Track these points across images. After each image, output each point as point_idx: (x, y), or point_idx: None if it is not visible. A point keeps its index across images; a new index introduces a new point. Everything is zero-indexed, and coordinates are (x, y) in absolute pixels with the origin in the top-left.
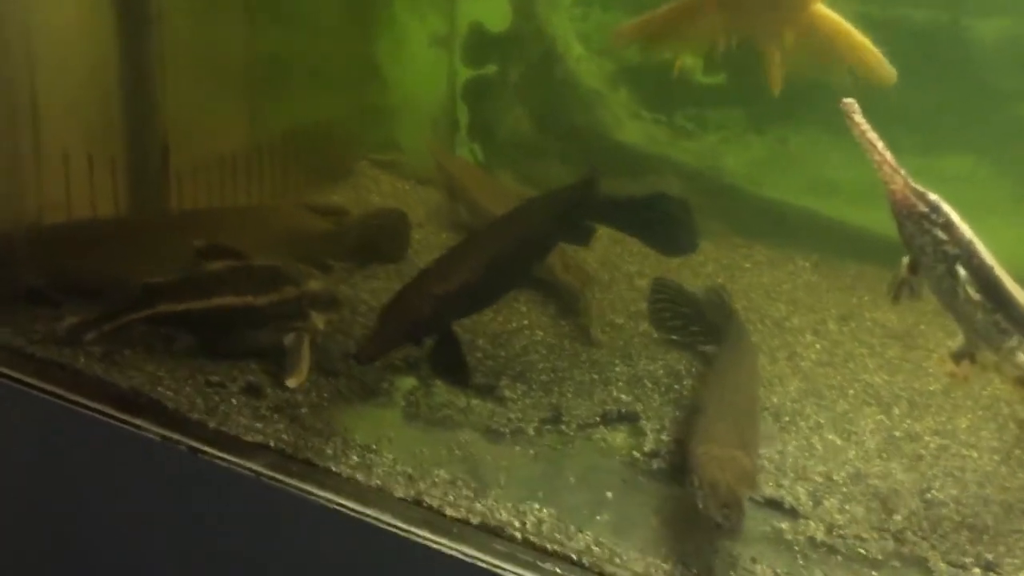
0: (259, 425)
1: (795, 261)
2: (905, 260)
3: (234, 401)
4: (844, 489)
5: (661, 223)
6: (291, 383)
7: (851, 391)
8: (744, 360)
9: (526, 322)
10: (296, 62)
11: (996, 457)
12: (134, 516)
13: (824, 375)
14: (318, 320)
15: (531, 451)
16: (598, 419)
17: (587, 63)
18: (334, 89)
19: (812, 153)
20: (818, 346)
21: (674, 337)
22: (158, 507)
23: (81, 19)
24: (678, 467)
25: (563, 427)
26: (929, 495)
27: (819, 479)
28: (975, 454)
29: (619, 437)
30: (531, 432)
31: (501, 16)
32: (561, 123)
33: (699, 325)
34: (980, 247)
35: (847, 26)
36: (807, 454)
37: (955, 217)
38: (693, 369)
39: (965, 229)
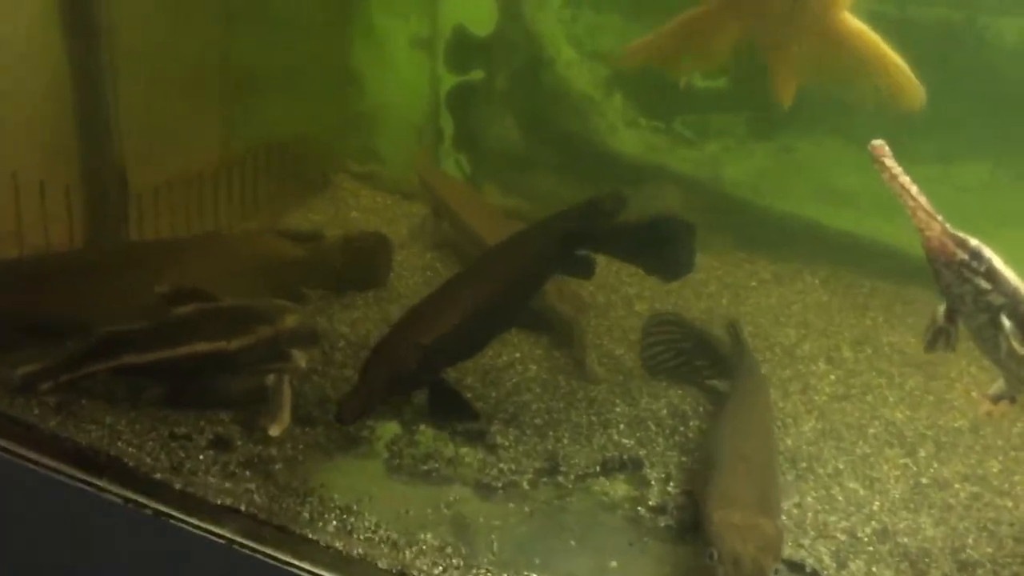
0: (229, 485)
1: (803, 277)
2: (941, 308)
3: (201, 457)
4: (870, 548)
5: (664, 247)
6: (274, 432)
7: (871, 430)
8: (757, 402)
9: (518, 355)
10: (269, 69)
11: None
12: None
13: (841, 411)
14: (299, 359)
15: (526, 508)
16: (598, 468)
17: (578, 68)
18: (310, 97)
19: (819, 161)
20: (833, 377)
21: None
22: None
23: (27, 32)
24: (687, 524)
25: (560, 478)
26: (963, 555)
27: (842, 536)
28: (1010, 503)
29: (621, 488)
30: (526, 485)
31: (486, 18)
32: (552, 132)
33: (704, 359)
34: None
35: (876, 39)
36: (828, 507)
37: (998, 263)
38: (700, 408)
39: (1010, 275)
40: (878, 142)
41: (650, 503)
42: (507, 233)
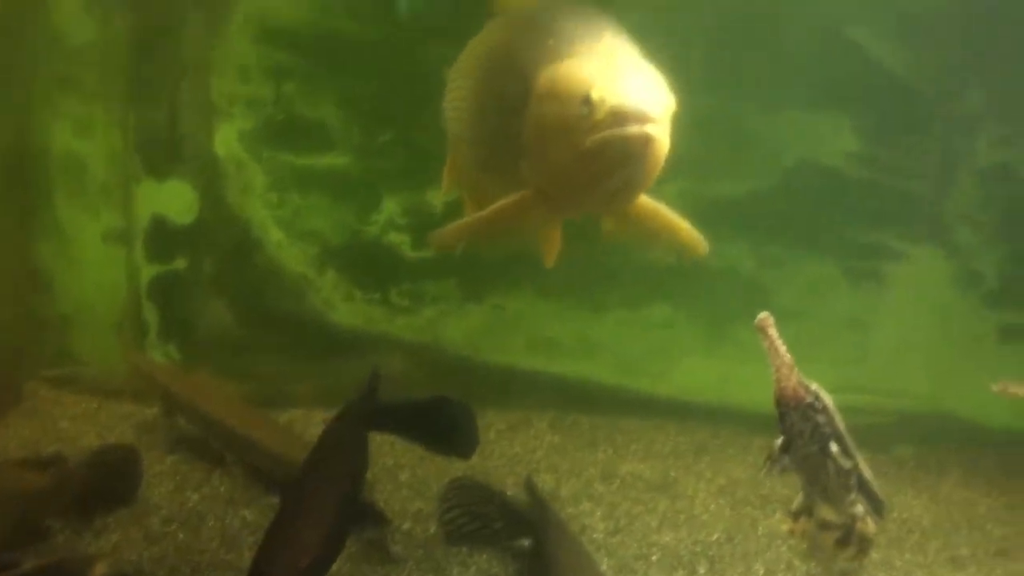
0: None
1: (533, 423)
2: (777, 441)
3: None
4: None
5: (444, 427)
6: None
7: (654, 557)
8: (582, 555)
9: None
10: None
11: None
12: None
13: (622, 545)
14: None
15: None
16: None
17: (289, 248)
18: None
19: (527, 315)
20: (599, 513)
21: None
22: None
23: None
24: None
25: None
26: None
27: None
28: None
29: None
30: None
31: (188, 206)
32: (268, 312)
33: (503, 519)
34: (838, 417)
35: (667, 211)
36: None
37: (829, 401)
38: (510, 569)
39: (833, 407)
40: (764, 314)
41: None
42: (254, 418)
